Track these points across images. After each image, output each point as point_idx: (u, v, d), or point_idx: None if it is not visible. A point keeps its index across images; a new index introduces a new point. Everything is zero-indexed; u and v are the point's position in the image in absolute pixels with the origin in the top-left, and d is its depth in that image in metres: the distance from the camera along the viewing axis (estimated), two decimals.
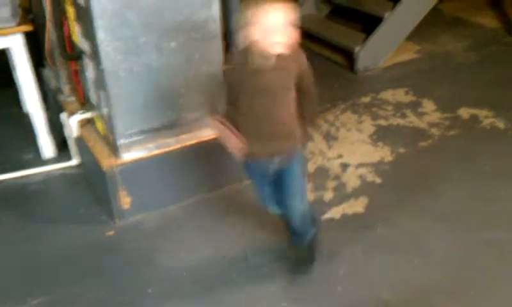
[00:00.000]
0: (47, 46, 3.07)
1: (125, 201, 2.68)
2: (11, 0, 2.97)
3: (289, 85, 2.03)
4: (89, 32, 2.46)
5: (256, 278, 2.36)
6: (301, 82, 2.05)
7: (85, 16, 2.44)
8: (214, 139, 2.73)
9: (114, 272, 2.44)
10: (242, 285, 2.34)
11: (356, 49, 4.26)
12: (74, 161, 3.19)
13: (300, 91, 2.06)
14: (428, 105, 3.71)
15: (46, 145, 3.27)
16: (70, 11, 2.68)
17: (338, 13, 4.97)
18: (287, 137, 2.10)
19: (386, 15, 4.28)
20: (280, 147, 2.10)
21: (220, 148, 2.24)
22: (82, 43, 2.65)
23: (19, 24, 2.94)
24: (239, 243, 2.55)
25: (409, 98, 3.84)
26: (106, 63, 2.44)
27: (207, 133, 2.75)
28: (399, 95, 3.88)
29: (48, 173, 3.16)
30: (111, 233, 2.67)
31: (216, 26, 2.64)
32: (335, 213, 2.72)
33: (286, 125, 2.07)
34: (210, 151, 2.77)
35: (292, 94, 2.05)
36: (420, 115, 3.60)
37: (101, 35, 2.38)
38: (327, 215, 2.70)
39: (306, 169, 2.25)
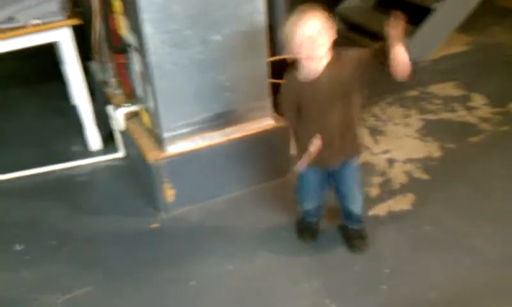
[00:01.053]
0: (93, 39, 3.10)
1: (169, 193, 2.69)
2: None
3: (345, 89, 2.04)
4: (135, 26, 2.47)
5: (299, 274, 2.34)
6: (362, 66, 2.04)
7: (131, 10, 2.45)
8: (259, 133, 2.74)
9: (158, 264, 2.45)
10: (285, 281, 2.32)
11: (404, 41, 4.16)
12: (120, 153, 3.23)
13: (368, 65, 2.04)
14: (479, 99, 3.59)
15: (93, 137, 3.33)
16: (117, 4, 2.69)
17: (385, 4, 4.86)
18: (352, 142, 2.15)
19: (435, 5, 4.17)
20: (345, 153, 2.16)
21: (264, 142, 2.24)
22: (128, 36, 2.67)
23: (67, 18, 2.98)
24: (283, 238, 2.54)
25: (459, 91, 3.73)
26: (152, 56, 2.44)
27: (252, 126, 2.74)
28: (448, 89, 3.78)
29: (95, 165, 3.21)
30: (156, 225, 2.69)
31: (261, 19, 2.61)
32: (380, 210, 2.67)
33: (349, 131, 2.11)
34: (255, 145, 2.76)
35: (351, 98, 2.07)
36: (470, 109, 3.49)
37: (147, 28, 2.38)
38: (372, 212, 2.65)
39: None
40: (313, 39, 1.93)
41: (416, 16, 4.28)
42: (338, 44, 4.80)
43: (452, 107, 3.53)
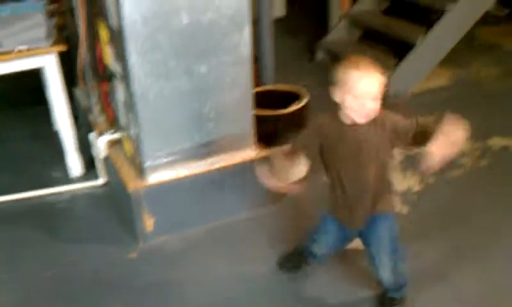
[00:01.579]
0: (79, 66, 3.11)
1: (148, 223, 2.68)
2: (47, 20, 3.04)
3: (379, 153, 1.97)
4: (120, 55, 2.48)
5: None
6: (402, 135, 1.96)
7: (117, 39, 2.47)
8: (242, 163, 2.75)
9: (135, 296, 2.43)
10: None
11: (387, 74, 4.22)
12: (101, 181, 3.21)
13: (406, 139, 1.97)
14: None
15: (74, 164, 3.31)
16: (103, 33, 2.71)
17: (370, 38, 4.94)
18: (378, 203, 2.05)
19: (419, 40, 4.24)
20: (373, 209, 2.05)
21: (246, 172, 2.23)
22: (113, 65, 2.68)
23: (53, 44, 2.99)
24: (264, 271, 2.53)
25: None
26: (136, 86, 2.45)
27: (234, 157, 2.75)
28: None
29: (75, 192, 3.19)
30: (134, 255, 2.67)
31: (247, 50, 2.64)
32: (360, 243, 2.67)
33: (378, 190, 2.02)
34: (237, 176, 2.76)
35: (386, 157, 2.00)
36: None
37: (132, 58, 2.40)
38: (352, 245, 2.65)
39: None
40: (373, 97, 1.85)
41: (400, 49, 4.35)
42: (322, 75, 4.84)
43: None
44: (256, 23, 3.36)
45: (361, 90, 1.84)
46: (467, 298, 2.34)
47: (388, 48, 4.64)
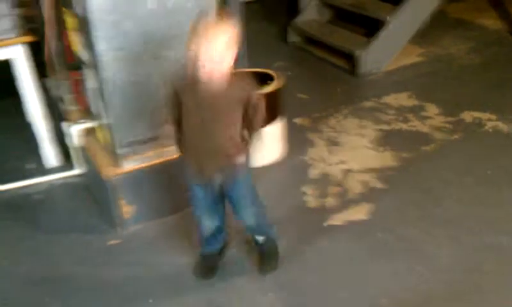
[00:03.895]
0: (47, 56, 3.08)
1: (125, 210, 2.68)
2: (11, 11, 3.00)
3: (234, 109, 2.01)
4: (88, 43, 2.47)
5: (256, 287, 2.36)
6: (249, 107, 2.03)
7: (84, 27, 2.45)
8: None
9: (115, 282, 2.44)
10: (242, 295, 2.34)
11: (358, 53, 4.25)
12: (76, 170, 3.20)
13: (248, 112, 2.04)
14: (431, 109, 3.69)
15: (48, 154, 3.29)
16: (70, 21, 2.68)
17: (341, 18, 4.96)
18: (228, 153, 2.08)
19: (388, 18, 4.27)
20: (221, 163, 2.09)
21: None
22: (82, 53, 2.66)
23: (21, 35, 2.95)
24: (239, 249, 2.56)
25: (412, 102, 3.82)
26: (105, 73, 2.44)
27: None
28: (402, 99, 3.87)
29: (51, 183, 3.17)
30: (113, 242, 2.67)
31: None
32: (337, 219, 2.71)
33: (227, 143, 2.05)
34: None
35: (236, 116, 2.03)
36: (423, 119, 3.58)
37: (100, 45, 2.38)
38: (329, 222, 2.69)
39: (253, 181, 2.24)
40: (221, 55, 1.86)
41: (371, 28, 4.38)
42: (295, 56, 4.88)
43: (406, 117, 3.62)
44: (225, 6, 3.35)
45: (213, 48, 1.84)
46: (440, 265, 2.40)
47: (359, 27, 4.66)
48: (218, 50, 1.85)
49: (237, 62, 2.01)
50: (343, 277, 2.37)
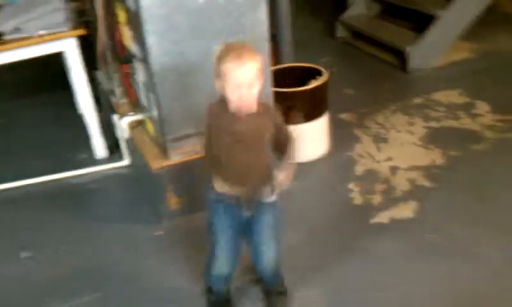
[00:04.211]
0: (99, 49, 3.15)
1: (172, 201, 2.72)
2: (65, 5, 3.08)
3: (264, 138, 1.94)
4: (139, 37, 2.51)
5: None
6: (278, 136, 1.97)
7: (135, 21, 2.49)
8: None
9: (162, 272, 2.48)
10: None
11: (408, 48, 4.18)
12: (125, 161, 3.27)
13: (277, 142, 1.98)
14: (482, 107, 3.60)
15: (99, 146, 3.37)
16: (122, 15, 2.74)
17: (390, 12, 4.88)
18: (261, 178, 1.99)
19: (439, 12, 4.18)
20: (253, 187, 1.99)
21: None
22: (133, 46, 2.71)
23: (73, 28, 3.03)
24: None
25: (463, 99, 3.73)
26: (155, 67, 2.48)
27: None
28: (452, 96, 3.78)
29: (100, 173, 3.25)
30: (160, 232, 2.72)
31: (264, 28, 2.64)
32: (383, 217, 2.68)
33: (260, 169, 1.98)
34: None
35: (265, 144, 1.97)
36: (474, 117, 3.50)
37: (150, 39, 2.42)
38: (375, 220, 2.67)
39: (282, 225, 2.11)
40: (252, 82, 1.78)
41: (421, 23, 4.30)
42: (342, 52, 4.86)
43: (456, 114, 3.54)
44: (273, 1, 3.36)
45: (237, 80, 1.77)
46: (491, 267, 2.34)
47: (408, 22, 4.58)
48: (249, 76, 1.78)
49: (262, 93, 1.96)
50: (388, 277, 2.34)
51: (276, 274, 2.20)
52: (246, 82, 1.77)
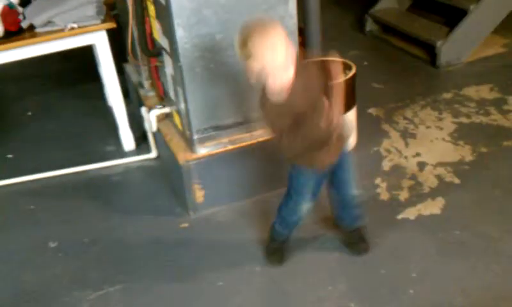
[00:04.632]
0: (129, 42, 3.18)
1: (199, 194, 2.74)
2: None
3: (317, 98, 1.95)
4: (168, 30, 2.53)
5: (326, 275, 2.36)
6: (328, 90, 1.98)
7: (164, 14, 2.51)
8: None
9: (187, 264, 2.50)
10: (311, 283, 2.34)
11: (439, 43, 4.12)
12: (153, 154, 3.30)
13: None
14: None
15: (127, 138, 3.41)
16: (151, 8, 2.76)
17: (420, 6, 4.81)
18: (339, 141, 2.09)
19: (472, 7, 4.10)
20: (335, 150, 2.11)
21: None
22: (161, 40, 2.73)
23: (103, 21, 3.06)
24: (308, 240, 2.55)
25: (494, 94, 3.67)
26: (184, 60, 2.49)
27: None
28: (483, 91, 3.72)
29: (128, 165, 3.29)
30: (185, 225, 2.74)
31: (293, 22, 2.63)
32: (409, 213, 2.66)
33: (332, 132, 1.98)
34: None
35: (324, 101, 1.96)
36: (505, 113, 3.43)
37: (179, 33, 2.44)
38: (402, 216, 2.64)
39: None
40: (285, 56, 1.82)
41: (452, 17, 4.23)
42: (371, 46, 4.80)
43: (486, 110, 3.48)
44: None
45: (272, 62, 1.81)
46: None
47: (439, 16, 4.51)
48: (281, 52, 1.81)
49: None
50: (414, 273, 2.32)
51: (358, 206, 2.37)
52: (281, 60, 1.82)
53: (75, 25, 2.96)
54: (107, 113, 3.61)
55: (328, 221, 2.57)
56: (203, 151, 2.69)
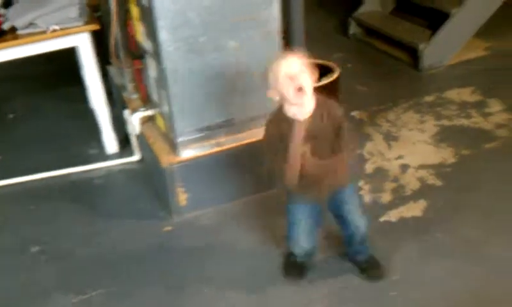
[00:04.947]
0: (112, 44, 3.16)
1: (182, 197, 2.73)
2: (79, 0, 3.10)
3: (327, 134, 2.01)
4: (151, 32, 2.52)
5: (309, 280, 2.36)
6: (339, 130, 2.02)
7: (148, 16, 2.50)
8: None
9: (170, 268, 2.49)
10: (296, 286, 2.34)
11: (421, 46, 4.16)
12: (136, 157, 3.28)
13: (338, 136, 2.03)
14: (495, 106, 3.57)
15: (109, 141, 3.39)
16: (135, 10, 2.75)
17: (403, 9, 4.85)
18: (335, 177, 2.07)
19: (454, 10, 4.14)
20: (332, 183, 2.09)
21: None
22: (145, 42, 2.72)
23: (86, 23, 3.04)
24: None
25: (476, 97, 3.71)
26: (167, 62, 2.49)
27: (263, 132, 2.77)
28: (465, 94, 3.76)
29: (110, 168, 3.27)
30: (169, 228, 2.73)
31: (276, 25, 2.64)
32: (392, 216, 2.67)
33: (332, 167, 2.04)
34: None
35: (332, 139, 2.03)
36: (486, 116, 3.47)
37: (163, 35, 2.43)
38: (384, 218, 2.66)
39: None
40: (296, 78, 1.89)
41: (435, 21, 4.27)
42: (355, 48, 4.82)
43: (468, 113, 3.52)
44: None
45: (286, 74, 1.89)
46: (502, 268, 2.32)
47: (422, 19, 4.55)
48: (296, 67, 1.90)
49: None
50: (396, 276, 2.33)
51: (365, 240, 2.28)
52: (295, 71, 1.88)
53: (57, 27, 2.94)
54: (90, 116, 3.58)
55: None
56: (186, 154, 2.69)
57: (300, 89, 1.90)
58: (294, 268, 2.38)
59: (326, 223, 2.35)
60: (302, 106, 1.96)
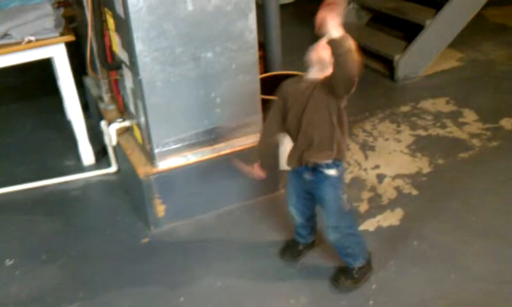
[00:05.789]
0: (88, 55, 3.14)
1: (160, 209, 2.72)
2: (55, 11, 3.08)
3: (324, 105, 2.13)
4: (127, 43, 2.51)
5: (287, 290, 2.36)
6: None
7: (124, 27, 2.49)
8: (249, 149, 2.77)
9: (147, 280, 2.48)
10: (273, 297, 2.34)
11: (396, 57, 4.21)
12: (113, 168, 3.26)
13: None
14: (469, 115, 3.63)
15: (86, 152, 3.36)
16: (111, 22, 2.74)
17: (379, 21, 4.91)
18: (321, 149, 2.13)
19: (428, 21, 4.21)
20: (313, 155, 2.14)
21: (254, 158, 2.31)
22: (121, 53, 2.71)
23: (62, 34, 3.02)
24: (271, 254, 2.56)
25: (450, 107, 3.76)
26: (144, 73, 2.48)
27: (242, 142, 2.78)
28: (440, 104, 3.81)
29: (87, 180, 3.24)
30: (146, 240, 2.72)
31: (253, 36, 2.65)
32: (369, 225, 2.69)
33: (322, 139, 2.12)
34: (245, 161, 2.77)
35: (328, 113, 2.13)
36: (461, 125, 3.52)
37: (139, 46, 2.42)
38: (361, 227, 2.67)
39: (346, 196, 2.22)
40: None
41: (410, 32, 4.33)
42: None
43: (443, 122, 3.57)
44: (262, 9, 3.37)
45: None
46: (477, 275, 2.36)
47: (398, 31, 4.61)
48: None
49: None
50: (374, 284, 2.35)
51: (340, 245, 2.33)
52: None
53: (32, 38, 2.91)
54: (66, 127, 3.56)
55: None
56: (163, 165, 2.68)
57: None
58: (291, 249, 2.52)
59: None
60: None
